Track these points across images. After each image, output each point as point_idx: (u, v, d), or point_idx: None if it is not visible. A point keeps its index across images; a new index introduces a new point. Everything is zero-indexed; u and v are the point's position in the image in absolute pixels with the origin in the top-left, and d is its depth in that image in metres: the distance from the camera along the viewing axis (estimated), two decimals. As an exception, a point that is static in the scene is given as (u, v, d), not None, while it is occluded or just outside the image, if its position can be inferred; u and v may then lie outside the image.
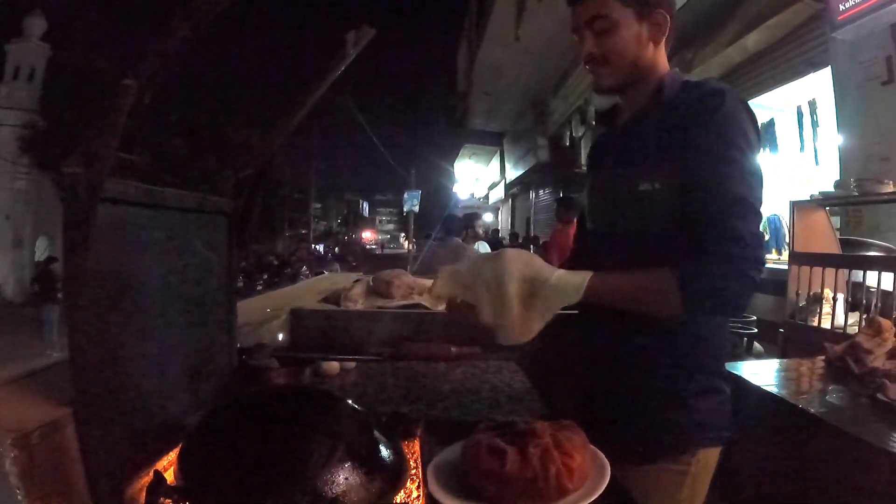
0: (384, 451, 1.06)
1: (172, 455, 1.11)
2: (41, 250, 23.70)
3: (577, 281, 1.21)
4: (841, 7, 4.46)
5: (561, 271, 1.23)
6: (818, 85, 5.90)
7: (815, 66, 5.69)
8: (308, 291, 3.15)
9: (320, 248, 39.72)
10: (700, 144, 1.24)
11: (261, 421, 1.07)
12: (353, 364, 1.88)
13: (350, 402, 1.16)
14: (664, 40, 1.41)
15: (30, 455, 0.94)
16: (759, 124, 1.34)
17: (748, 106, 1.31)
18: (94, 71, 19.08)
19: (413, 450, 1.21)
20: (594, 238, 1.54)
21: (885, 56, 4.57)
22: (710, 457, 1.42)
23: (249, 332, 2.02)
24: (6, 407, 1.05)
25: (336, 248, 41.83)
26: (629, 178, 1.37)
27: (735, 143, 1.24)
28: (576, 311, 1.42)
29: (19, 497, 0.92)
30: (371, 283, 2.69)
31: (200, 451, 1.05)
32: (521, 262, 1.22)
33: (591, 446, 1.07)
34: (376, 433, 1.09)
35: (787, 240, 4.80)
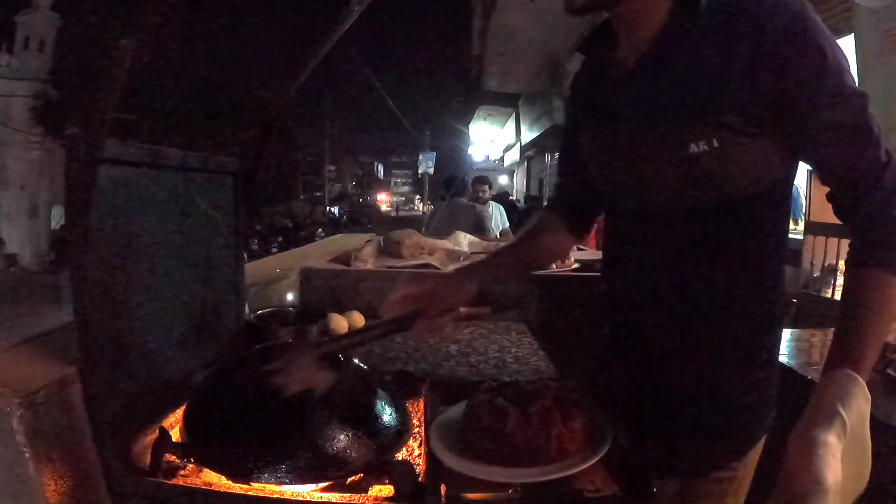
0: (386, 410, 1.07)
1: (178, 412, 1.12)
2: (57, 219, 23.91)
3: (859, 399, 0.85)
4: (865, -28, 4.34)
5: (836, 429, 0.79)
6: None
7: (838, 32, 5.52)
8: (319, 252, 3.16)
9: (335, 210, 39.84)
10: (818, 81, 0.92)
11: (265, 379, 1.07)
12: (361, 322, 1.89)
13: (355, 360, 1.17)
14: None
15: (36, 414, 0.96)
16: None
17: None
18: (104, 38, 19.05)
19: (417, 408, 1.21)
20: (631, 214, 1.16)
21: (910, 25, 4.46)
22: (757, 451, 1.16)
23: (258, 292, 2.03)
24: (14, 367, 1.07)
25: (350, 210, 41.90)
26: (672, 137, 1.01)
27: (844, 65, 0.94)
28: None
29: (26, 455, 0.94)
30: (382, 244, 2.69)
31: (205, 409, 1.06)
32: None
33: (595, 409, 1.06)
34: (379, 392, 1.09)
35: (804, 210, 4.74)
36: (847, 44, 5.33)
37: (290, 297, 2.28)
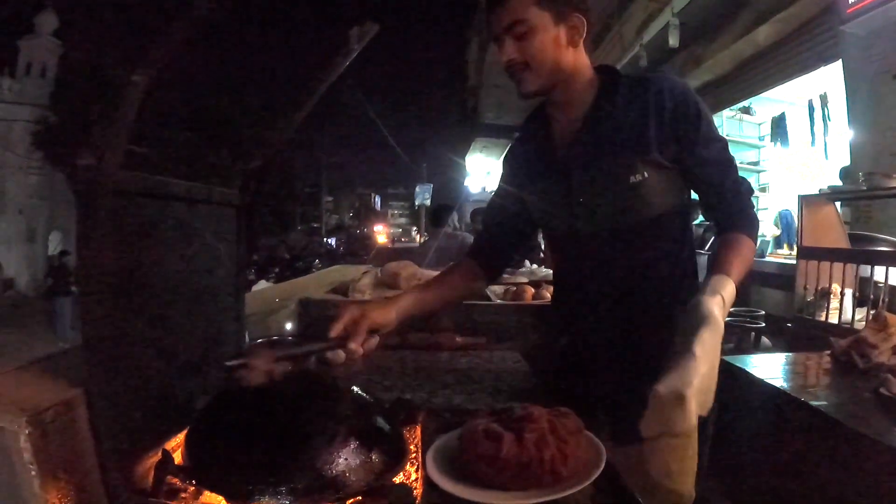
0: (384, 435, 1.09)
1: (181, 436, 1.15)
2: (54, 244, 23.85)
3: (731, 291, 1.24)
4: (850, 0, 4.41)
5: (718, 298, 1.19)
6: (830, 78, 5.85)
7: (826, 59, 5.63)
8: (317, 283, 3.18)
9: (332, 241, 39.68)
10: (706, 135, 1.45)
11: (265, 405, 1.09)
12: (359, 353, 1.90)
13: (353, 388, 1.19)
14: (582, 42, 1.46)
15: (43, 433, 0.98)
16: (771, 118, 1.61)
17: None
18: (105, 67, 19.19)
19: (414, 435, 1.23)
20: (586, 240, 1.54)
21: (896, 49, 4.52)
22: None
23: (258, 322, 2.05)
24: (21, 388, 1.08)
25: (347, 241, 41.72)
26: (618, 172, 1.45)
27: (712, 121, 1.50)
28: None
29: (32, 473, 0.96)
30: (379, 275, 2.73)
31: (207, 433, 1.08)
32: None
33: (588, 433, 1.09)
34: (377, 418, 1.12)
35: (797, 235, 4.78)
36: (835, 69, 5.42)
37: (288, 326, 2.30)
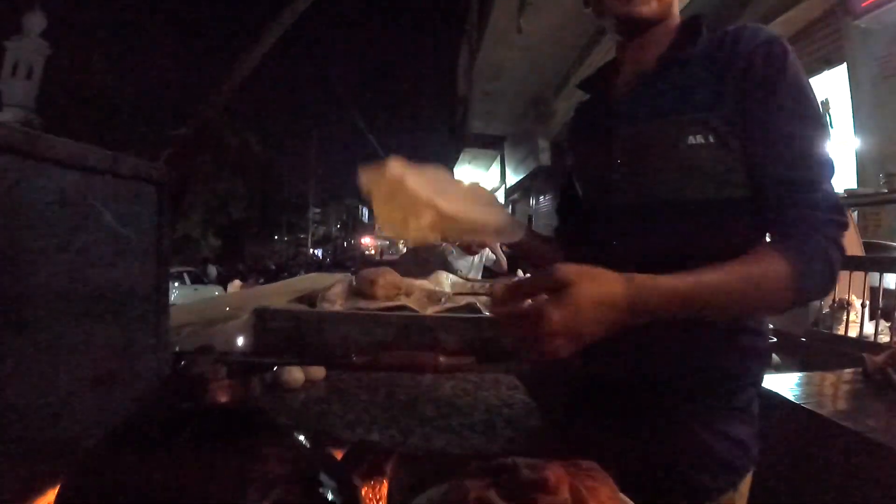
0: (331, 499, 0.76)
1: (51, 495, 0.81)
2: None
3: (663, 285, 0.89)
4: (865, -6, 4.45)
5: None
6: (832, 84, 5.95)
7: (830, 63, 5.82)
8: (283, 291, 2.87)
9: (318, 252, 40.31)
10: (782, 101, 1.05)
11: (171, 453, 0.76)
12: (321, 374, 1.59)
13: (296, 433, 0.86)
14: None
15: None
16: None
17: None
18: (91, 69, 19.43)
19: (379, 493, 0.92)
20: (618, 218, 1.22)
21: (902, 50, 4.63)
22: (746, 482, 1.19)
23: (193, 334, 1.73)
24: None
25: (334, 252, 42.74)
26: (672, 131, 1.12)
27: (814, 100, 1.09)
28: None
29: None
30: (354, 283, 2.42)
31: (83, 491, 0.75)
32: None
33: (623, 497, 0.77)
34: (323, 476, 0.79)
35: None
36: (839, 73, 5.43)
37: (240, 341, 1.97)
